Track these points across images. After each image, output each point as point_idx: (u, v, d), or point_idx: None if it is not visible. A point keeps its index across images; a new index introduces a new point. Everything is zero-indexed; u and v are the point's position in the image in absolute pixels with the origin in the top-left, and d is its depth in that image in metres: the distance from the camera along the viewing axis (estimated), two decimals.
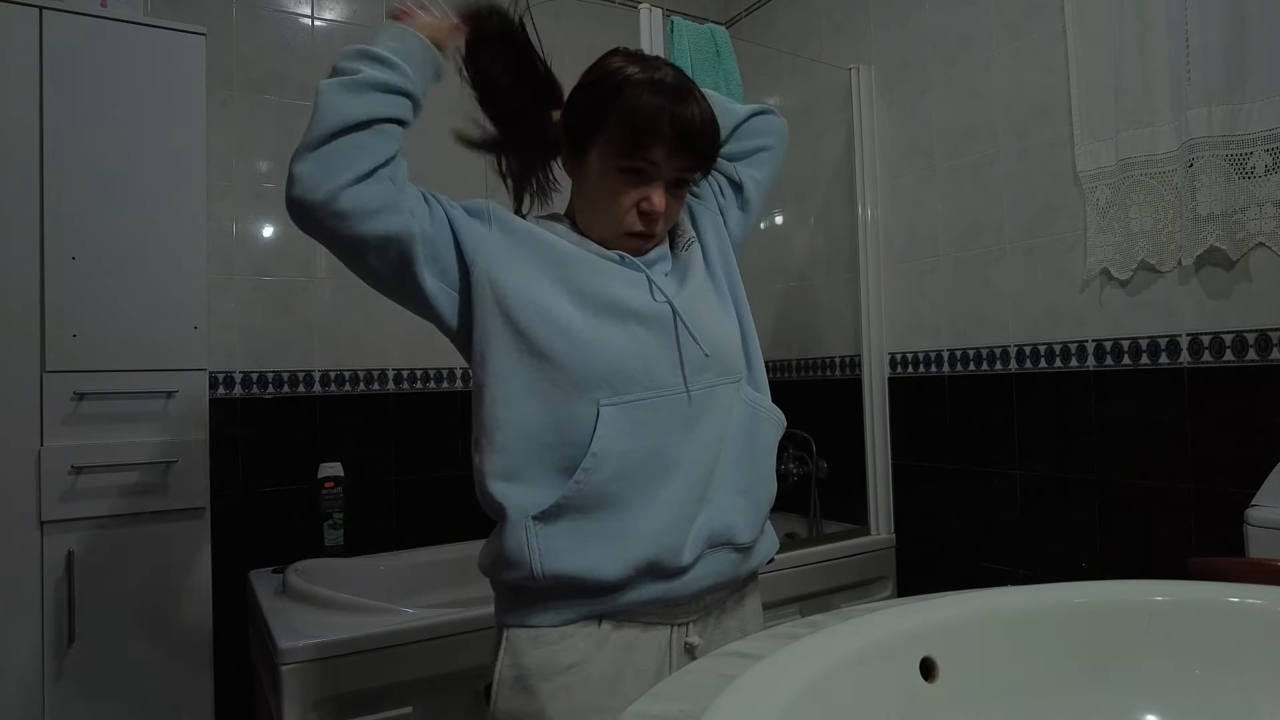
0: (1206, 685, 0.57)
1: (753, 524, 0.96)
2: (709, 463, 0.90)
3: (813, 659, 0.49)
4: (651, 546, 0.85)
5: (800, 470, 2.45)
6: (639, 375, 0.87)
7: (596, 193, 0.92)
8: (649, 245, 0.95)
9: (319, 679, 1.50)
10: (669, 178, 0.90)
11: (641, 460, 0.86)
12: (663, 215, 0.91)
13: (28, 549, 1.54)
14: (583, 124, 0.91)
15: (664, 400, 0.87)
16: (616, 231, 0.92)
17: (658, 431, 0.87)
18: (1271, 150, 1.48)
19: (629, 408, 0.85)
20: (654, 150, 0.87)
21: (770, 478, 0.99)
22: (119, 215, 1.65)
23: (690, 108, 0.89)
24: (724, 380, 0.93)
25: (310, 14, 2.29)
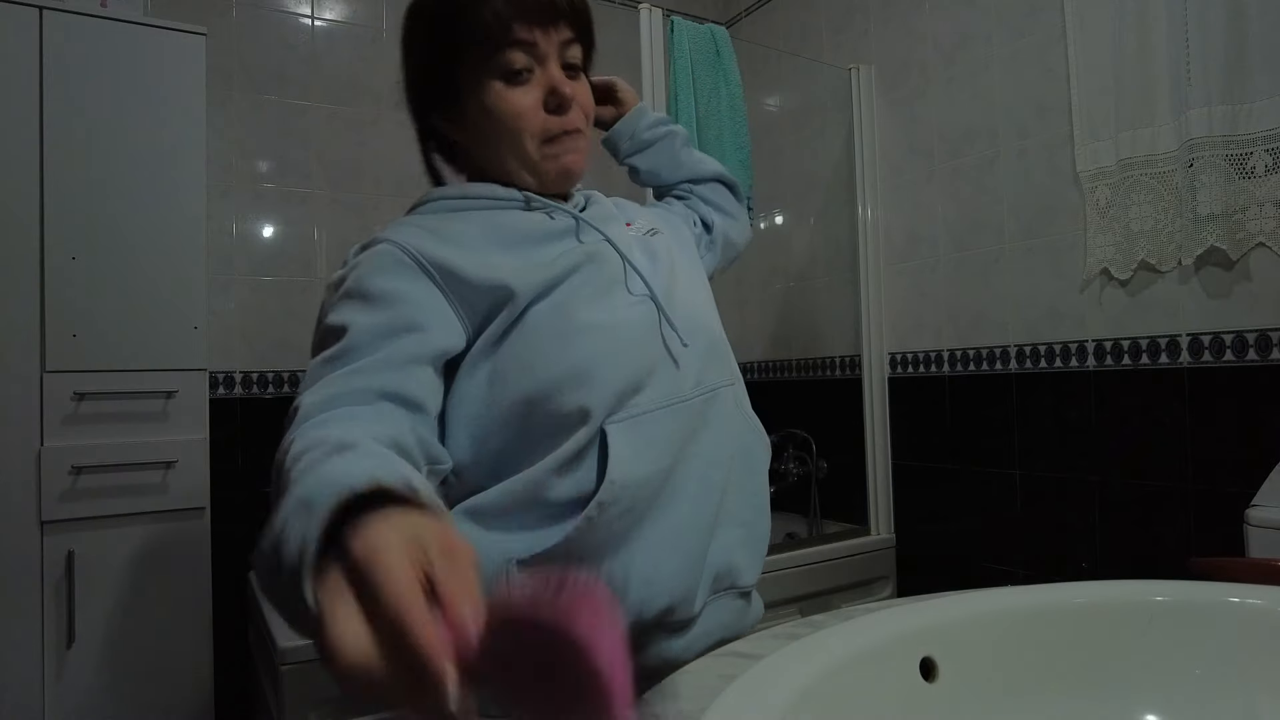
0: (1207, 685, 0.57)
1: (755, 563, 0.81)
2: (721, 483, 0.75)
3: (813, 659, 0.49)
4: (665, 593, 0.69)
5: (800, 470, 2.45)
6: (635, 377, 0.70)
7: (490, 122, 0.74)
8: (578, 155, 0.77)
9: (319, 679, 1.50)
10: (557, 60, 0.75)
11: (654, 487, 0.70)
12: (572, 99, 0.75)
13: (28, 549, 1.54)
14: (442, 61, 0.77)
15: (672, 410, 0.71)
16: (536, 149, 0.75)
17: (669, 449, 0.71)
18: (1271, 150, 1.48)
19: (638, 423, 0.69)
20: (521, 30, 0.72)
21: (768, 510, 0.83)
22: (119, 215, 1.65)
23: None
24: (723, 382, 0.78)
25: (310, 14, 2.29)
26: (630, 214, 0.88)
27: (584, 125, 0.78)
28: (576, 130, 0.77)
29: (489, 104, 0.74)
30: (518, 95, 0.73)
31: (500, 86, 0.73)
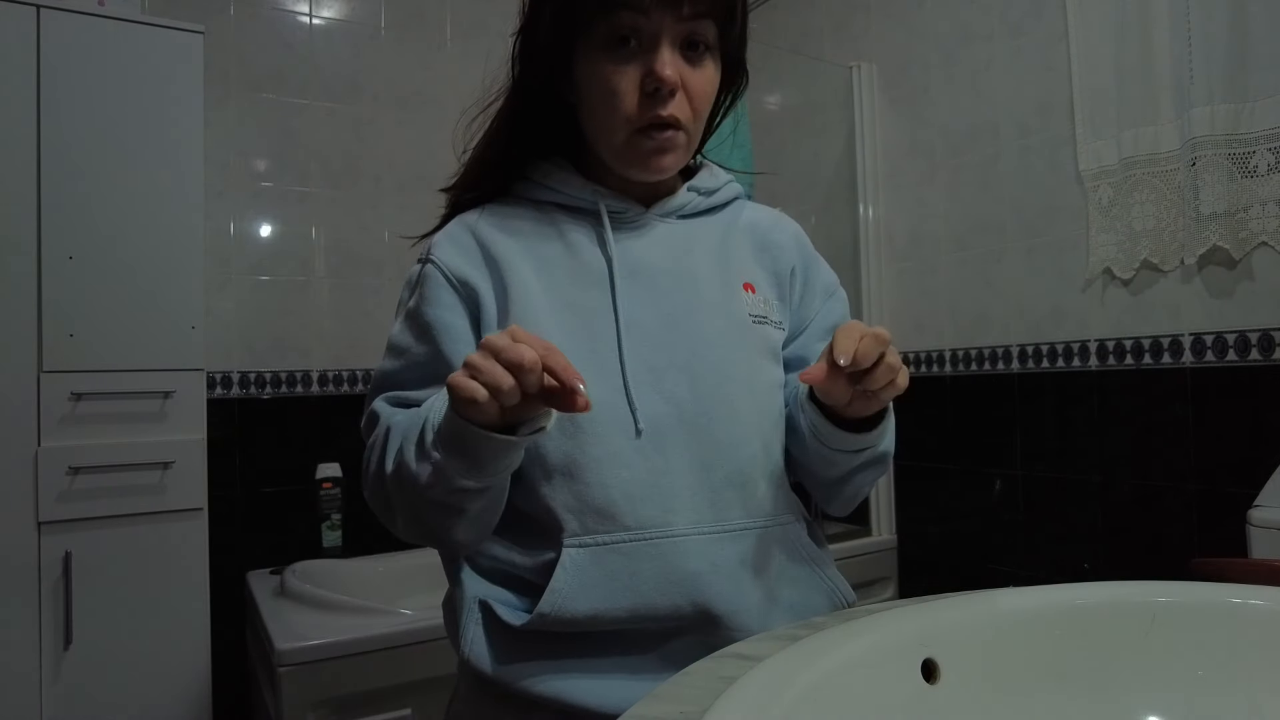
0: (1209, 686, 0.56)
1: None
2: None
3: (813, 661, 0.48)
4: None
5: None
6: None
7: (590, 94, 0.69)
8: (672, 155, 0.69)
9: (317, 680, 1.50)
10: (674, 35, 0.66)
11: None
12: (679, 88, 0.66)
13: (25, 550, 1.53)
14: (557, 17, 0.68)
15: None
16: (625, 137, 0.68)
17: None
18: (1274, 149, 1.47)
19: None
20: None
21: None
22: (116, 215, 1.64)
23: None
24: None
25: (308, 12, 2.29)
26: (760, 273, 0.77)
27: (688, 119, 0.69)
28: (673, 123, 0.67)
29: (591, 75, 0.68)
30: (616, 72, 0.66)
31: (602, 58, 0.67)
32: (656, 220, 0.76)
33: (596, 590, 0.64)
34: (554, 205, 0.75)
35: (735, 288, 0.75)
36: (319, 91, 2.28)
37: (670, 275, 0.73)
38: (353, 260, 2.30)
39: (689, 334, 0.71)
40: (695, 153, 0.78)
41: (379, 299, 2.33)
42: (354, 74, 2.33)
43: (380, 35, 2.37)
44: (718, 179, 0.80)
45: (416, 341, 0.71)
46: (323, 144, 2.28)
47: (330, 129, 2.29)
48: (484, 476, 0.58)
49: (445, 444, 0.57)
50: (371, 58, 2.35)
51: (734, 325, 0.72)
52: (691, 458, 0.68)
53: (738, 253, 0.77)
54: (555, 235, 0.73)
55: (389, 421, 0.67)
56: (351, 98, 2.32)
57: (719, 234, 0.78)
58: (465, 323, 0.70)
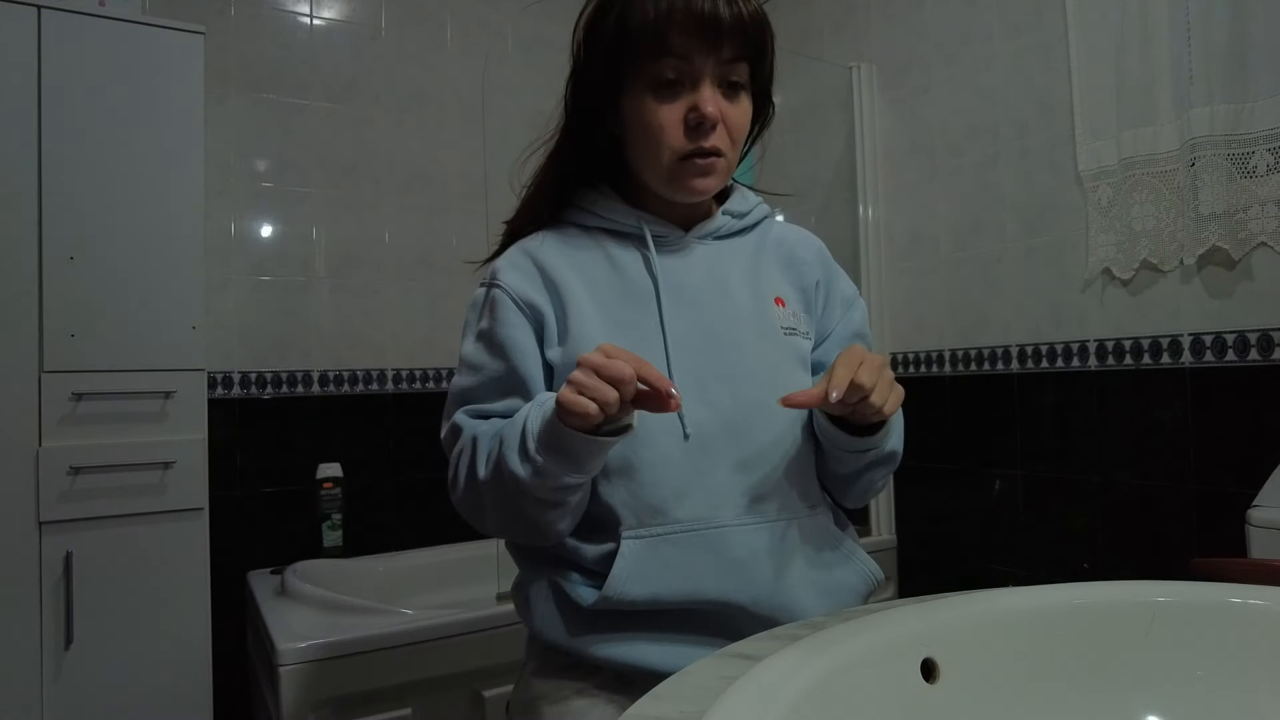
0: (1208, 686, 0.57)
1: None
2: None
3: (814, 660, 0.48)
4: None
5: None
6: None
7: (636, 129, 0.77)
8: (711, 179, 0.77)
9: (317, 680, 1.50)
10: (714, 75, 0.74)
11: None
12: (720, 123, 0.75)
13: (26, 550, 1.53)
14: (608, 60, 0.77)
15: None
16: (669, 165, 0.77)
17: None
18: (1274, 149, 1.48)
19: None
20: (676, 41, 0.72)
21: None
22: (117, 215, 1.64)
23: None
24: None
25: (309, 12, 2.29)
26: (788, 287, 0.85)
27: (727, 148, 0.77)
28: (714, 152, 0.76)
29: (637, 112, 0.77)
30: (663, 109, 0.75)
31: (649, 97, 0.76)
32: (695, 242, 0.84)
33: (653, 577, 0.73)
34: (601, 230, 0.83)
35: (767, 302, 0.82)
36: (319, 92, 2.28)
37: (709, 293, 0.81)
38: (353, 260, 2.31)
39: (728, 346, 0.79)
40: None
41: (379, 300, 2.33)
42: (354, 74, 2.33)
43: (380, 35, 2.37)
44: (748, 202, 0.88)
45: (491, 359, 0.79)
46: (323, 144, 2.28)
47: (330, 129, 2.29)
48: (583, 473, 0.69)
49: (548, 448, 0.67)
50: (372, 58, 2.35)
51: (768, 337, 0.80)
52: (733, 458, 0.76)
53: (768, 269, 0.85)
54: (604, 258, 0.81)
55: (474, 432, 0.76)
56: (352, 98, 2.32)
57: (750, 252, 0.85)
58: (532, 340, 0.79)
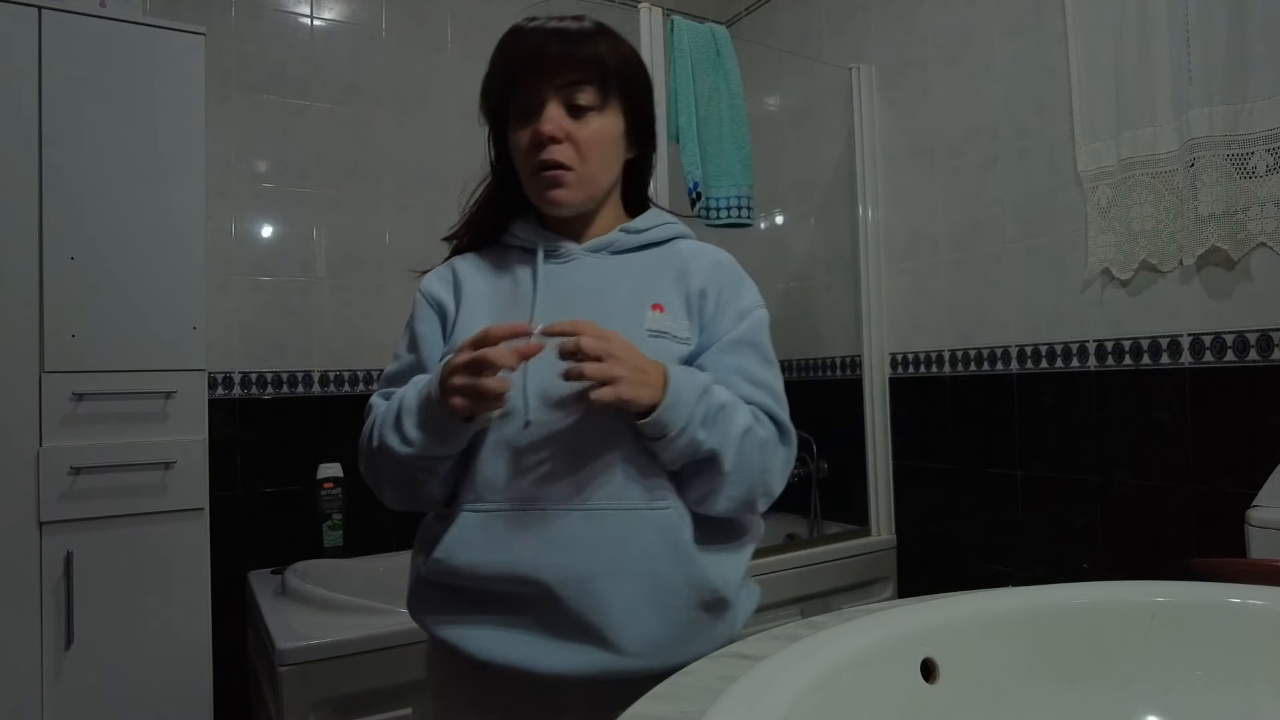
0: (1208, 686, 0.57)
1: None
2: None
3: (813, 660, 0.48)
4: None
5: (800, 470, 2.45)
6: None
7: (513, 156, 0.89)
8: (562, 189, 0.85)
9: (318, 680, 1.50)
10: (558, 100, 0.84)
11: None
12: (563, 138, 0.83)
13: (26, 550, 1.54)
14: (491, 106, 0.89)
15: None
16: (529, 180, 0.87)
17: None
18: (1273, 150, 1.48)
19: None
20: (522, 77, 0.84)
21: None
22: (118, 215, 1.64)
23: (547, 31, 0.84)
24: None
25: (309, 13, 2.29)
26: (673, 296, 0.88)
27: (575, 163, 0.85)
28: (557, 165, 0.84)
29: (510, 139, 0.88)
30: (520, 134, 0.86)
31: (514, 126, 0.87)
32: (586, 255, 0.90)
33: (475, 547, 0.81)
34: (515, 247, 0.93)
35: (643, 308, 0.86)
36: (320, 93, 2.28)
37: (585, 298, 0.87)
38: (353, 261, 2.31)
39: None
40: (639, 197, 0.96)
41: (379, 299, 2.33)
42: (355, 75, 2.33)
43: (381, 36, 2.38)
44: (652, 220, 0.94)
45: (406, 349, 0.92)
46: (323, 145, 2.28)
47: (331, 130, 2.29)
48: (451, 449, 0.80)
49: (425, 429, 0.79)
50: (372, 59, 2.36)
51: (630, 338, 0.82)
52: (569, 447, 0.80)
53: (658, 281, 0.89)
54: (507, 270, 0.91)
55: (377, 412, 0.87)
56: (352, 99, 2.33)
57: (646, 267, 0.90)
58: (438, 334, 0.90)
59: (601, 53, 0.85)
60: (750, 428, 0.82)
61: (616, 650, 0.78)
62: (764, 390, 0.86)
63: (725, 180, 2.05)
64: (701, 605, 0.82)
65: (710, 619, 0.83)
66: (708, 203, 2.02)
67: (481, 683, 0.84)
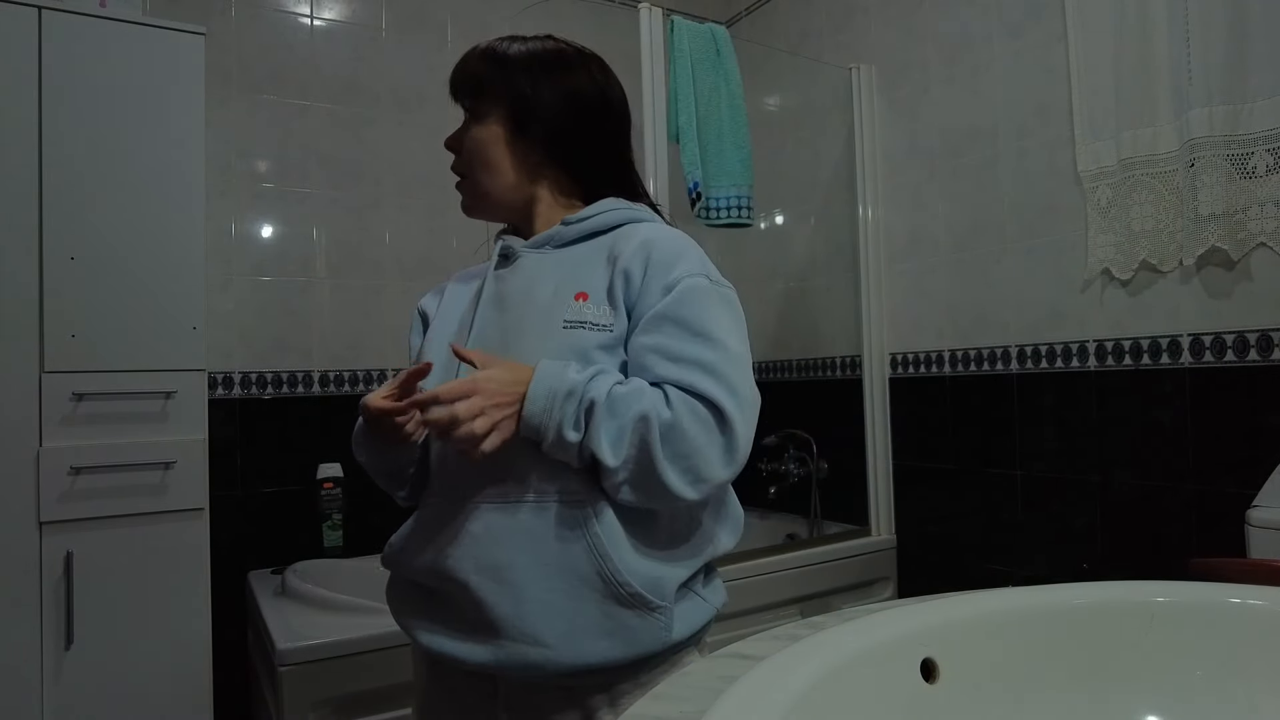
0: (1208, 686, 0.57)
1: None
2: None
3: (813, 660, 0.48)
4: None
5: (800, 471, 2.45)
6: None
7: None
8: (464, 195, 0.96)
9: (318, 680, 1.50)
10: (464, 119, 0.96)
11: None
12: (460, 151, 0.95)
13: (26, 550, 1.54)
14: None
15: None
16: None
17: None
18: (1273, 150, 1.48)
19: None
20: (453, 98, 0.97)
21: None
22: (118, 215, 1.64)
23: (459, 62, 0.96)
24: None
25: (309, 13, 2.29)
26: (598, 282, 0.87)
27: (465, 170, 0.95)
28: (457, 173, 0.95)
29: None
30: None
31: None
32: (529, 253, 0.92)
33: (412, 541, 0.88)
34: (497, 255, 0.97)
35: (566, 299, 0.85)
36: (320, 93, 2.28)
37: (517, 297, 0.89)
38: (354, 261, 2.31)
39: (514, 342, 0.86)
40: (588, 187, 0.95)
41: (379, 299, 2.33)
42: (355, 75, 2.33)
43: (381, 36, 2.38)
44: (593, 210, 0.92)
45: (408, 357, 1.00)
46: (324, 145, 2.28)
47: (331, 130, 2.29)
48: (374, 448, 0.92)
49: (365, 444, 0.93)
50: (372, 59, 2.36)
51: (546, 332, 0.85)
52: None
53: (587, 269, 0.88)
54: (479, 278, 0.95)
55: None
56: (352, 99, 2.33)
57: (583, 256, 0.89)
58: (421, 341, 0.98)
59: (474, 70, 0.94)
60: (647, 416, 0.76)
61: (533, 641, 0.79)
62: (689, 366, 0.79)
63: (725, 180, 2.05)
64: (616, 600, 0.79)
65: (631, 616, 0.79)
66: (708, 203, 2.02)
67: (440, 675, 0.90)
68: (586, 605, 0.79)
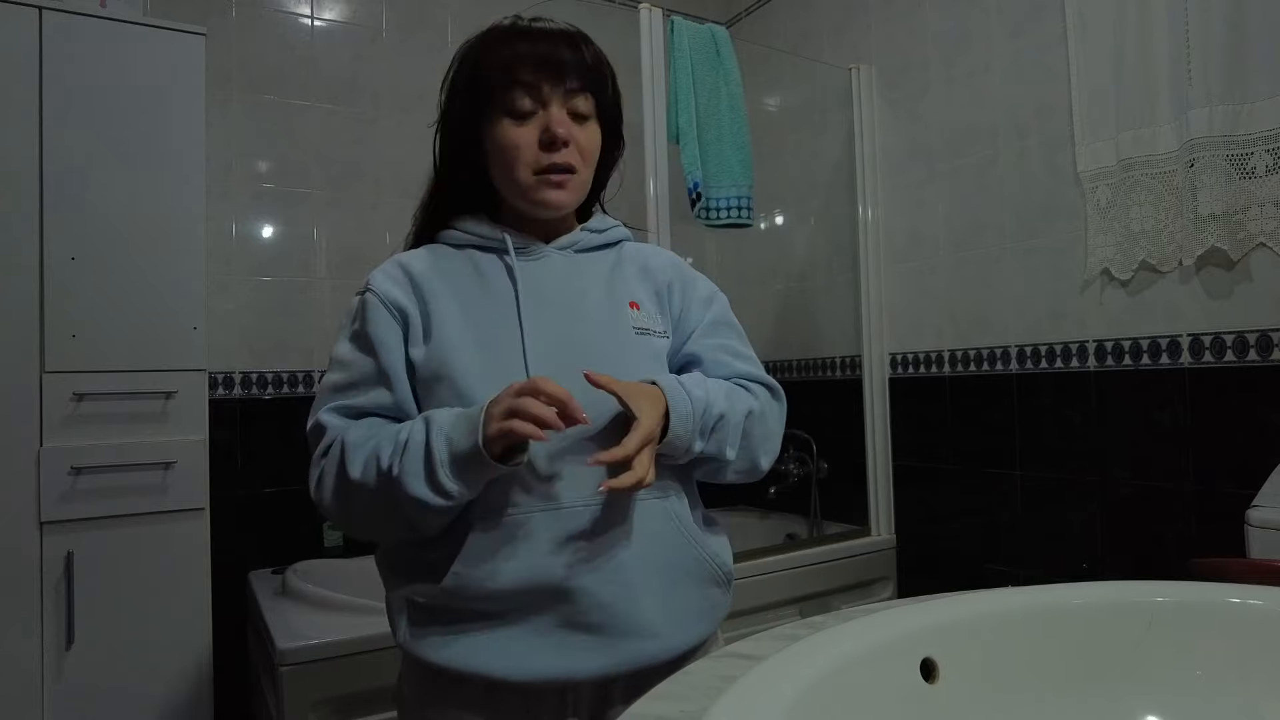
0: (1207, 686, 0.57)
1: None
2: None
3: (813, 660, 0.49)
4: None
5: (800, 471, 2.45)
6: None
7: (497, 151, 0.87)
8: (564, 191, 0.87)
9: (318, 680, 1.50)
10: (561, 103, 0.86)
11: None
12: (571, 141, 0.85)
13: (27, 550, 1.54)
14: (467, 100, 0.88)
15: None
16: (526, 180, 0.86)
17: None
18: (1272, 150, 1.48)
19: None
20: (526, 75, 0.84)
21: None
22: (118, 216, 1.65)
23: (550, 33, 0.88)
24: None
25: (310, 14, 2.29)
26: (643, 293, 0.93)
27: (580, 165, 0.88)
28: (568, 167, 0.86)
29: (496, 135, 0.86)
30: (519, 131, 0.85)
31: (507, 122, 0.86)
32: (554, 253, 0.91)
33: (495, 558, 0.79)
34: (471, 246, 0.91)
35: (622, 306, 0.90)
36: (320, 93, 2.28)
37: (565, 296, 0.89)
38: (353, 261, 2.31)
39: (582, 345, 0.86)
40: (593, 201, 0.98)
41: None
42: (355, 76, 2.33)
43: (381, 37, 2.38)
44: (606, 222, 0.97)
45: (362, 356, 0.86)
46: (324, 146, 2.28)
47: (331, 131, 2.29)
48: (475, 491, 0.78)
49: (460, 474, 0.76)
50: (373, 59, 2.36)
51: (620, 338, 0.88)
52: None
53: (624, 278, 0.93)
54: (470, 267, 0.90)
55: (341, 435, 0.82)
56: (353, 99, 2.33)
57: (608, 265, 0.94)
58: (399, 339, 0.86)
59: (599, 63, 0.90)
60: (750, 411, 0.89)
61: (649, 634, 0.81)
62: (748, 361, 0.96)
63: (725, 180, 2.05)
64: (712, 580, 0.88)
65: (719, 593, 0.89)
66: (708, 203, 2.02)
67: (494, 704, 0.81)
68: (688, 590, 0.86)
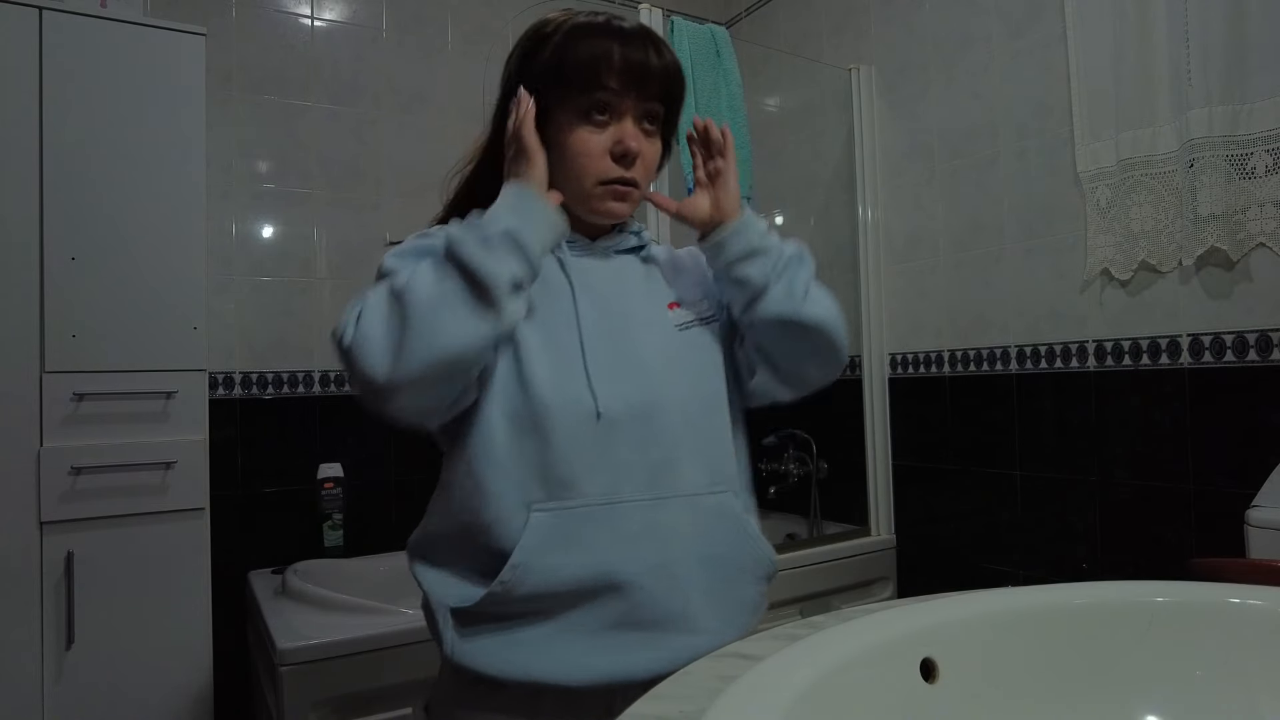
0: (1207, 687, 0.57)
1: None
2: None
3: (813, 660, 0.49)
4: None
5: (800, 470, 2.45)
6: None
7: (566, 153, 0.84)
8: (625, 204, 0.86)
9: (318, 680, 1.50)
10: (637, 112, 0.84)
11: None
12: (639, 158, 0.84)
13: (27, 550, 1.54)
14: (544, 86, 0.84)
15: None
16: (590, 188, 0.84)
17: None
18: (1272, 151, 1.48)
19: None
20: (610, 80, 0.81)
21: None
22: (119, 215, 1.64)
23: (639, 37, 0.84)
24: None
25: (310, 14, 2.29)
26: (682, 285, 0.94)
27: (642, 180, 0.87)
28: (634, 182, 0.85)
29: (565, 137, 0.84)
30: (592, 138, 0.83)
31: (580, 125, 0.83)
32: (600, 251, 0.91)
33: (556, 549, 0.77)
34: None
35: (661, 307, 0.90)
36: (321, 93, 2.28)
37: (615, 289, 0.89)
38: (354, 261, 2.31)
39: (635, 338, 0.86)
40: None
41: None
42: (356, 76, 2.33)
43: (382, 37, 2.38)
44: (637, 229, 0.97)
45: (429, 241, 0.83)
46: (324, 146, 2.28)
47: (332, 131, 2.29)
48: (532, 239, 0.77)
49: (513, 210, 0.78)
50: (373, 60, 2.36)
51: (666, 334, 0.88)
52: (638, 438, 0.81)
53: (658, 281, 0.93)
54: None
55: (413, 268, 0.78)
56: (353, 100, 2.33)
57: (640, 267, 0.94)
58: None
59: (679, 72, 0.88)
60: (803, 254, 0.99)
61: (702, 631, 0.80)
62: None
63: None
64: (766, 578, 0.89)
65: (768, 589, 0.90)
66: None
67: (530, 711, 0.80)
68: (743, 587, 0.86)
